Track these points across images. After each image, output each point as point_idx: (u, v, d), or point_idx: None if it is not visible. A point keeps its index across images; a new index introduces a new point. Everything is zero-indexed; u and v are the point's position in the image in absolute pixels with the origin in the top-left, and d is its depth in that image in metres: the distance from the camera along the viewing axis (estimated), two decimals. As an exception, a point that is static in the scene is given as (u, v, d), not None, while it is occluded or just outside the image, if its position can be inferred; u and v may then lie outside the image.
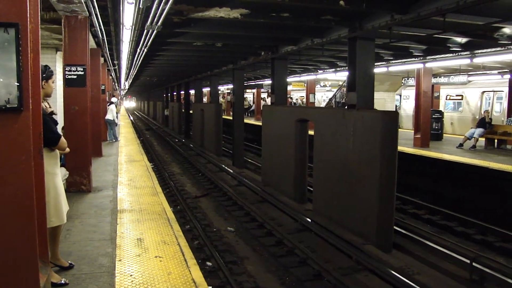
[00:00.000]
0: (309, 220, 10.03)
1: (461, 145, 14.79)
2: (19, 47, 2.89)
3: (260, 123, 19.17)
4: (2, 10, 2.83)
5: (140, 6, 6.27)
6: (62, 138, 4.28)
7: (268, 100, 32.65)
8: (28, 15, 2.92)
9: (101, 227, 6.01)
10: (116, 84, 32.07)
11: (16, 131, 2.94)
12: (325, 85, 32.03)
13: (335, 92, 27.69)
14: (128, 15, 6.95)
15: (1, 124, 2.90)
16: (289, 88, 29.00)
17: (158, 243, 5.32)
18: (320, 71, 20.95)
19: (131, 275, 4.33)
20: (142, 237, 5.52)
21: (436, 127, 17.45)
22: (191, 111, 29.69)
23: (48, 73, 4.24)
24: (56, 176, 4.30)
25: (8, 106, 2.90)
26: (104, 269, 4.51)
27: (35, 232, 3.07)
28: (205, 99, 37.23)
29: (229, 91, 39.85)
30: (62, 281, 4.15)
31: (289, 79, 17.59)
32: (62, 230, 4.64)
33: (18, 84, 2.91)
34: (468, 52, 12.01)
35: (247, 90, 33.80)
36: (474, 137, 14.66)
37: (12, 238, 3.00)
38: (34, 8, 3.18)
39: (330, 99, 27.52)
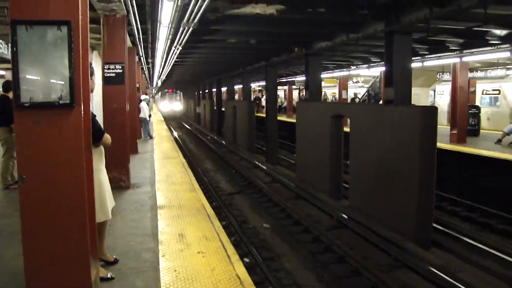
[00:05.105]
0: (346, 216, 9.95)
1: (499, 141, 14.37)
2: (71, 44, 2.93)
3: (292, 120, 19.09)
4: (55, 9, 2.89)
5: (179, 4, 6.32)
6: (106, 134, 4.34)
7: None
8: (80, 13, 2.97)
9: (142, 222, 6.07)
10: (148, 82, 32.45)
11: (69, 127, 3.00)
12: (357, 81, 31.71)
13: (369, 87, 27.41)
14: (166, 12, 7.02)
15: (55, 120, 2.97)
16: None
17: (200, 238, 5.35)
18: (353, 67, 20.73)
19: (175, 271, 4.36)
20: (184, 233, 5.55)
21: (473, 123, 16.99)
22: (223, 109, 29.81)
23: (91, 70, 4.30)
24: (101, 172, 4.35)
25: (61, 102, 2.96)
26: (148, 264, 4.55)
27: (86, 227, 3.12)
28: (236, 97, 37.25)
29: (260, 88, 39.78)
30: (109, 276, 4.19)
31: (322, 76, 17.43)
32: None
33: (70, 81, 2.96)
34: (508, 45, 11.67)
35: (278, 87, 33.66)
36: (514, 133, 14.23)
37: (66, 232, 3.06)
38: (83, 6, 3.21)
39: (364, 94, 27.27)
